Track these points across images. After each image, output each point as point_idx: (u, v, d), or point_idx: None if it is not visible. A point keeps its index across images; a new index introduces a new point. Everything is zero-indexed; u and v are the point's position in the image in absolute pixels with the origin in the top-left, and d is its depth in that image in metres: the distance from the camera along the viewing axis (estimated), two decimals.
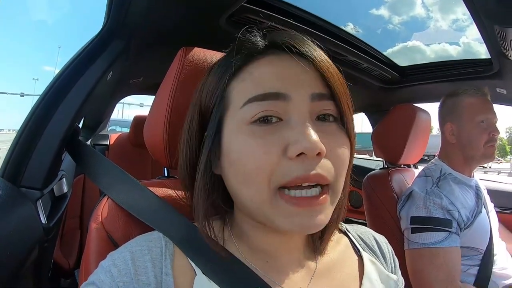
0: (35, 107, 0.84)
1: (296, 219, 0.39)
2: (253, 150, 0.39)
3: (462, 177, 1.16)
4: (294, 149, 0.37)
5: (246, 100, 0.41)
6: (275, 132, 0.39)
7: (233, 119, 0.42)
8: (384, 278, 0.51)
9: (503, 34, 0.90)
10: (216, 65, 0.48)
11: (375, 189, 1.29)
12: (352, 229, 0.57)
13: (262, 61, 0.43)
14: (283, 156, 0.38)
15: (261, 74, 0.42)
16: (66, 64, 0.92)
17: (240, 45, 0.44)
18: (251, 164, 0.39)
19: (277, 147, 0.38)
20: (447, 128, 1.21)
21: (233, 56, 0.44)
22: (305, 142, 0.37)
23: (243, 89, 0.42)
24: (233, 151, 0.41)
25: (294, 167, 0.38)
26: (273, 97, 0.40)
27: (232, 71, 0.43)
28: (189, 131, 0.47)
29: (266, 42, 0.44)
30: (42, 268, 0.84)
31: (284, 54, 0.42)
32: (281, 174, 0.38)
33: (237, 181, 0.42)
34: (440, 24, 3.89)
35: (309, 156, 0.38)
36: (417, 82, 1.65)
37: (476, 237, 1.07)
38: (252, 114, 0.40)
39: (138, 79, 1.67)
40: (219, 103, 0.44)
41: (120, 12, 0.94)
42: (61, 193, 1.00)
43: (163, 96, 0.62)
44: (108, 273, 0.40)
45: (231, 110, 0.43)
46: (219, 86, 0.44)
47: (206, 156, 0.44)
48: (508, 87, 1.38)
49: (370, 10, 1.54)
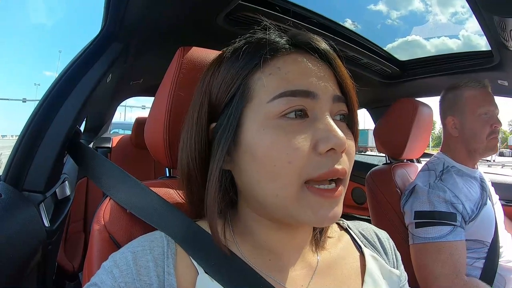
0: (36, 111, 0.85)
1: (321, 211, 0.40)
2: (284, 145, 0.39)
3: (466, 169, 1.16)
4: (325, 145, 0.39)
5: (275, 94, 0.41)
6: (304, 129, 0.40)
7: (258, 113, 0.42)
8: (386, 274, 0.51)
9: (503, 24, 0.90)
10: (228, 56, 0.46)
11: (378, 184, 1.29)
12: (353, 226, 0.57)
13: (287, 58, 0.43)
14: (313, 152, 0.40)
15: (289, 71, 0.42)
16: (65, 67, 0.92)
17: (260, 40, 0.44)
18: (282, 159, 0.39)
19: (308, 142, 0.40)
20: (449, 121, 1.20)
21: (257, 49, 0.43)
22: (335, 139, 0.39)
23: (270, 84, 0.42)
24: (259, 145, 0.41)
25: (324, 162, 0.40)
26: (304, 94, 0.41)
27: (258, 62, 0.43)
28: (196, 124, 0.46)
29: (292, 40, 0.45)
30: (46, 271, 0.84)
31: (305, 53, 0.44)
32: (312, 168, 0.39)
33: (260, 176, 0.41)
34: (439, 18, 3.90)
35: (338, 151, 0.40)
36: (418, 76, 1.64)
37: (481, 230, 1.06)
38: (281, 109, 0.41)
39: (138, 81, 1.67)
40: (240, 95, 0.43)
41: (117, 14, 0.94)
42: (64, 196, 1.01)
43: (163, 96, 0.62)
44: (109, 274, 0.40)
45: (254, 103, 0.42)
46: (239, 77, 0.43)
47: (225, 150, 0.43)
48: (510, 78, 1.37)
49: (368, 6, 1.54)
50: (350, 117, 0.47)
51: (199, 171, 0.46)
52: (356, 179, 2.09)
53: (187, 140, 0.47)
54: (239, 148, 0.43)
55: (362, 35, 1.41)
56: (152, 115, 0.66)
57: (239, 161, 0.43)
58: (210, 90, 0.46)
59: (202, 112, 0.46)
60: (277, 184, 0.40)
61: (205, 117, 0.46)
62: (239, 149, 0.43)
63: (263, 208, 0.44)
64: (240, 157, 0.43)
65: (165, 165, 0.67)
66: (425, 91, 1.78)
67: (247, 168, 0.42)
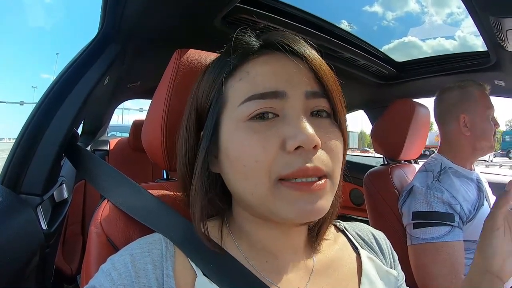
0: (33, 113, 0.85)
1: (298, 205, 0.39)
2: (252, 145, 0.40)
3: (463, 170, 1.16)
4: (292, 143, 0.39)
5: (244, 99, 0.42)
6: (272, 127, 0.41)
7: (231, 117, 0.43)
8: (384, 274, 0.51)
9: (499, 24, 0.90)
10: (211, 65, 0.48)
11: (376, 185, 1.29)
12: (350, 227, 0.57)
13: (257, 61, 0.44)
14: (281, 150, 0.40)
15: (257, 73, 0.43)
16: (62, 70, 0.92)
17: (236, 45, 0.45)
18: (251, 159, 0.40)
19: (275, 141, 0.40)
20: (461, 120, 1.15)
21: (228, 56, 0.45)
22: (302, 136, 0.39)
23: (240, 88, 0.43)
24: (231, 148, 0.42)
25: (293, 160, 0.39)
26: (271, 95, 0.41)
27: (228, 70, 0.44)
28: (186, 131, 0.48)
29: (261, 42, 0.45)
30: (44, 274, 0.84)
31: (278, 53, 0.44)
32: (281, 167, 0.39)
33: (237, 177, 0.42)
34: (435, 19, 3.87)
35: (306, 148, 0.39)
36: (415, 77, 1.65)
37: (479, 230, 1.04)
38: (249, 112, 0.41)
39: (136, 83, 1.67)
40: (215, 102, 0.45)
41: (114, 17, 0.94)
42: (62, 199, 1.00)
43: (160, 99, 0.62)
44: (108, 277, 0.40)
45: (228, 108, 0.43)
46: (215, 85, 0.45)
47: (203, 155, 0.44)
48: (506, 79, 1.38)
49: (364, 7, 1.54)
50: (335, 112, 0.45)
51: (190, 176, 0.47)
52: (354, 180, 2.09)
53: (180, 146, 0.49)
54: (219, 151, 0.44)
55: (359, 36, 1.42)
56: (150, 117, 0.66)
57: (221, 163, 0.45)
58: (196, 99, 0.48)
59: (190, 120, 0.48)
60: (250, 183, 0.41)
61: (194, 124, 0.47)
62: (219, 152, 0.44)
63: (248, 206, 0.44)
64: (221, 160, 0.45)
65: (162, 168, 0.67)
66: (422, 92, 1.78)
67: (227, 170, 0.44)
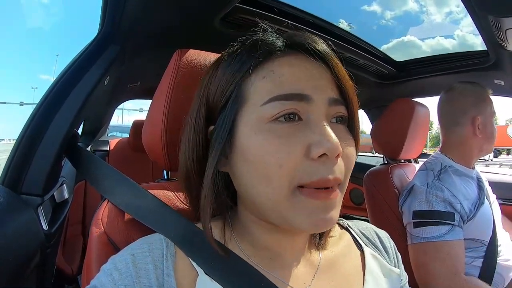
0: (34, 114, 0.85)
1: (314, 215, 0.39)
2: (276, 149, 0.39)
3: (464, 169, 1.16)
4: (318, 150, 0.38)
5: (268, 98, 0.40)
6: (296, 132, 0.40)
7: (251, 116, 0.41)
8: (387, 272, 0.51)
9: (498, 24, 0.90)
10: (226, 58, 0.46)
11: (376, 185, 1.29)
12: (354, 225, 0.57)
13: (282, 60, 0.43)
14: (305, 156, 0.39)
15: (283, 73, 0.42)
16: (63, 70, 0.92)
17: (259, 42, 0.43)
18: (274, 163, 0.39)
19: (300, 147, 0.39)
20: (475, 121, 1.13)
21: (251, 52, 0.43)
22: (328, 144, 0.38)
23: (264, 87, 0.41)
24: (251, 149, 0.41)
25: (316, 168, 0.39)
26: (297, 97, 0.40)
27: (251, 66, 0.42)
28: (194, 127, 0.46)
29: (287, 41, 0.44)
30: (45, 274, 0.84)
31: (303, 55, 0.43)
32: (303, 174, 0.39)
33: (253, 179, 0.41)
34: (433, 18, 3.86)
35: (330, 157, 0.39)
36: (415, 76, 1.65)
37: (479, 229, 1.06)
38: (274, 112, 0.40)
39: (136, 84, 1.67)
40: (234, 99, 0.43)
41: (114, 17, 0.94)
42: (62, 199, 1.00)
43: (160, 99, 0.62)
44: (109, 277, 0.40)
45: (248, 106, 0.42)
46: (234, 80, 0.43)
47: (219, 152, 0.43)
48: (506, 78, 1.38)
49: (362, 6, 1.54)
50: (351, 120, 0.45)
51: (197, 173, 0.46)
52: (354, 180, 2.09)
53: (186, 142, 0.47)
54: (234, 151, 0.43)
55: (358, 36, 1.42)
56: (150, 117, 0.66)
57: (234, 163, 0.43)
58: (207, 93, 0.46)
59: (200, 115, 0.46)
60: (269, 188, 0.40)
61: (203, 119, 0.46)
62: (234, 152, 0.43)
63: (259, 211, 0.43)
64: (235, 160, 0.43)
65: (163, 168, 0.67)
66: (422, 91, 1.79)
67: (241, 171, 0.42)
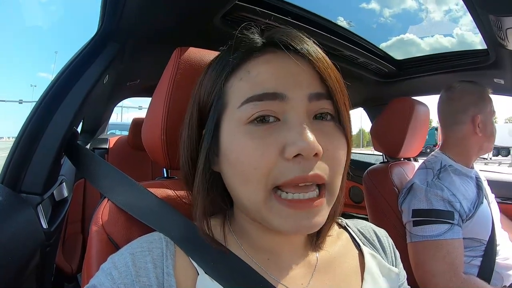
0: (33, 112, 0.84)
1: (291, 220, 0.39)
2: (251, 151, 0.39)
3: (463, 168, 1.16)
4: (291, 150, 0.37)
5: (243, 100, 0.41)
6: (272, 133, 0.39)
7: (231, 119, 0.42)
8: (385, 271, 0.51)
9: (498, 23, 0.90)
10: (214, 62, 0.47)
11: (376, 183, 1.29)
12: (352, 224, 0.57)
13: (259, 59, 0.42)
14: (280, 156, 0.38)
15: (258, 73, 0.41)
16: (62, 68, 0.91)
17: (238, 42, 0.44)
18: (249, 165, 0.39)
19: (275, 147, 0.38)
20: (476, 120, 1.13)
21: (230, 54, 0.43)
22: (302, 143, 0.37)
23: (240, 89, 0.42)
24: (231, 151, 0.41)
25: (291, 168, 0.38)
26: (271, 97, 0.40)
27: (229, 69, 0.43)
28: (188, 129, 0.47)
29: (264, 39, 0.44)
30: (45, 273, 0.84)
31: (281, 52, 0.42)
32: (278, 174, 0.38)
33: (235, 180, 0.42)
34: (432, 16, 3.86)
35: (306, 157, 0.38)
36: (414, 75, 1.65)
37: (478, 228, 1.07)
38: (249, 115, 0.40)
39: (135, 82, 1.67)
40: (216, 102, 0.44)
41: (114, 15, 0.93)
42: (62, 198, 1.00)
43: (160, 97, 0.62)
44: (108, 276, 0.40)
45: (229, 109, 0.42)
46: (217, 84, 0.44)
47: (205, 154, 0.44)
48: (506, 77, 1.38)
49: (361, 4, 1.53)
50: (340, 115, 0.43)
51: (193, 174, 0.47)
52: (353, 178, 2.09)
53: (182, 144, 0.48)
54: (220, 153, 0.43)
55: (358, 34, 1.41)
56: (150, 115, 0.66)
57: (222, 164, 0.44)
58: (199, 97, 0.46)
59: (193, 118, 0.47)
60: (248, 190, 0.40)
61: (196, 122, 0.47)
62: (220, 154, 0.43)
63: (246, 210, 0.44)
64: (221, 161, 0.44)
65: (162, 166, 0.67)
66: (421, 89, 1.78)
67: (226, 172, 0.43)
